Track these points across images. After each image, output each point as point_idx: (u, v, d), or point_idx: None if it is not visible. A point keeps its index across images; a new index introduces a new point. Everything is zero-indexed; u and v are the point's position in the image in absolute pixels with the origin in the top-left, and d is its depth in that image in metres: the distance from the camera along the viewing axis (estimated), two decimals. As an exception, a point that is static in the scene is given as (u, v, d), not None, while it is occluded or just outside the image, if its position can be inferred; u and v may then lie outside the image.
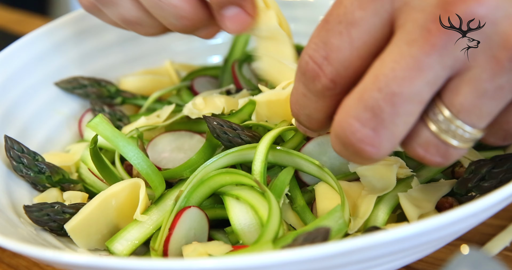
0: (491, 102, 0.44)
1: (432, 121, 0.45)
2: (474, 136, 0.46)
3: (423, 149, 0.46)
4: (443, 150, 0.46)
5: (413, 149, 0.47)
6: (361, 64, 0.46)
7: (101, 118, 0.59)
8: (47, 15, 1.80)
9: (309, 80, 0.48)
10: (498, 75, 0.43)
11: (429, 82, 0.43)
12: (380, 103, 0.44)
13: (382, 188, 0.59)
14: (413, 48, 0.43)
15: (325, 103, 0.49)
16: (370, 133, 0.44)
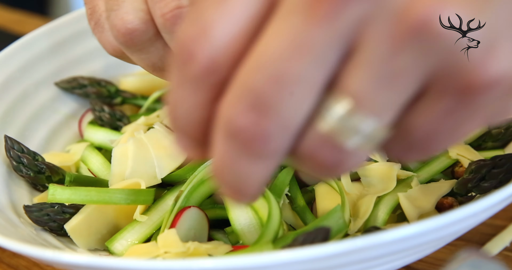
0: (389, 89, 0.36)
1: (326, 113, 0.37)
2: (373, 134, 0.37)
3: (314, 143, 0.37)
4: (337, 146, 0.37)
5: (305, 146, 0.38)
6: (243, 43, 0.37)
7: (54, 187, 0.59)
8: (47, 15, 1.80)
9: (184, 63, 0.38)
10: (396, 54, 0.35)
11: (319, 60, 0.35)
12: (264, 86, 0.36)
13: (382, 188, 0.59)
14: (294, 19, 0.35)
15: (204, 95, 0.39)
16: (256, 118, 0.36)
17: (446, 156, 0.63)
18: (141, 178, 0.61)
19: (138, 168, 0.61)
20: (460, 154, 0.63)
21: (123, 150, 0.62)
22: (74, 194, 0.59)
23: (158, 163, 0.61)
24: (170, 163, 0.61)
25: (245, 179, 0.39)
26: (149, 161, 0.61)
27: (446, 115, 0.37)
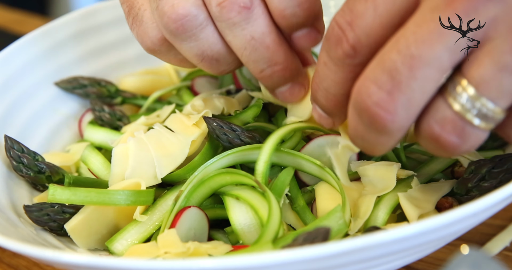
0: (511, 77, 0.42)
1: (451, 95, 0.43)
2: (495, 115, 0.43)
3: (439, 125, 0.44)
4: (461, 128, 0.43)
5: (429, 126, 0.44)
6: (383, 34, 0.45)
7: (54, 188, 0.59)
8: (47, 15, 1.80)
9: (332, 46, 0.47)
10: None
11: (450, 48, 0.42)
12: (398, 65, 0.42)
13: (382, 188, 0.59)
14: (435, 13, 0.42)
15: (343, 74, 0.47)
16: (385, 96, 0.43)
17: (446, 156, 0.63)
18: (141, 178, 0.61)
19: (138, 168, 0.61)
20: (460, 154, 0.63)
21: (123, 150, 0.62)
22: (74, 194, 0.59)
23: (158, 163, 0.61)
24: (170, 163, 0.61)
25: (374, 146, 0.47)
26: (149, 161, 0.61)
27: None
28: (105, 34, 0.84)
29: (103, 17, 0.84)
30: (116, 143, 0.65)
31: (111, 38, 0.85)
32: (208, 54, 0.58)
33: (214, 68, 0.59)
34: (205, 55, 0.58)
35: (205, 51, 0.58)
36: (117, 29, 0.85)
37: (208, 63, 0.59)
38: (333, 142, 0.60)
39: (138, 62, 0.86)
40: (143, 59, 0.86)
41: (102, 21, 0.84)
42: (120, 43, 0.85)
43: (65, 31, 0.81)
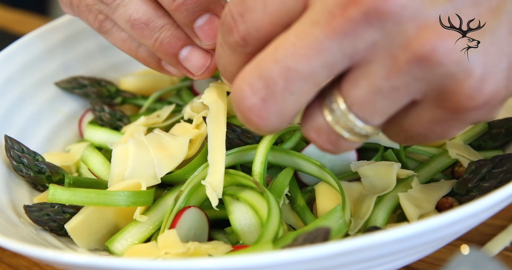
0: (386, 100, 0.43)
1: (327, 108, 0.45)
2: (366, 132, 0.45)
3: (315, 133, 0.46)
4: (334, 139, 0.45)
5: (307, 131, 0.46)
6: (272, 31, 0.45)
7: (54, 188, 0.59)
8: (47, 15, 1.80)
9: (225, 32, 0.47)
10: (395, 75, 0.42)
11: (326, 65, 0.42)
12: (274, 75, 0.43)
13: (382, 188, 0.59)
14: (316, 29, 0.42)
15: (237, 59, 0.48)
16: (258, 103, 0.44)
17: (446, 156, 0.63)
18: (140, 178, 0.61)
19: (137, 168, 0.61)
20: (460, 154, 0.63)
21: (123, 151, 0.62)
22: (74, 195, 0.59)
23: (158, 163, 0.61)
24: (170, 162, 0.61)
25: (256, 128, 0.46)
26: (149, 161, 0.61)
27: (436, 122, 0.45)
28: (105, 34, 0.84)
29: (103, 17, 0.84)
30: (115, 145, 0.65)
31: (111, 38, 0.85)
32: (135, 17, 0.60)
33: (146, 36, 0.61)
34: (133, 19, 0.60)
35: (131, 15, 0.60)
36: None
37: (139, 30, 0.61)
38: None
39: (138, 62, 0.86)
40: (143, 59, 0.86)
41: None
42: (120, 43, 0.85)
43: (66, 31, 0.81)
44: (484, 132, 0.67)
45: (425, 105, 0.44)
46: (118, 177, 0.62)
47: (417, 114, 0.45)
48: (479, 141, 0.67)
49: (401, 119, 0.45)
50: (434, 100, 0.43)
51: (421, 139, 0.47)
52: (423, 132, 0.45)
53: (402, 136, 0.47)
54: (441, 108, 0.43)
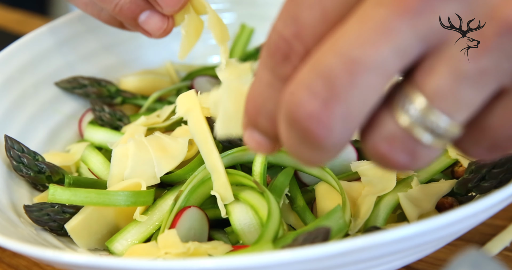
0: (472, 88, 0.36)
1: (400, 109, 0.37)
2: (450, 132, 0.37)
3: (386, 143, 0.37)
4: (411, 146, 0.37)
5: (375, 143, 0.37)
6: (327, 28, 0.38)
7: (54, 188, 0.59)
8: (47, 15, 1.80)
9: (278, 63, 0.39)
10: (482, 54, 0.35)
11: (398, 50, 0.35)
12: (336, 70, 0.35)
13: (382, 188, 0.59)
14: (382, 8, 0.35)
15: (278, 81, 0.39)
16: (320, 106, 0.36)
17: (446, 156, 0.63)
18: (140, 178, 0.61)
19: (137, 168, 0.61)
20: (460, 154, 0.63)
21: (123, 151, 0.62)
22: (74, 195, 0.59)
23: (158, 163, 0.61)
24: (170, 162, 0.61)
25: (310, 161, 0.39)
26: (148, 161, 0.61)
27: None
28: (105, 34, 0.84)
29: (103, 17, 0.84)
30: (115, 145, 0.65)
31: (111, 38, 0.85)
32: None
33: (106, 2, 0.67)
34: None
35: None
36: (117, 29, 0.85)
37: None
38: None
39: (138, 62, 0.86)
40: (143, 59, 0.87)
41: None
42: (120, 43, 0.85)
43: (65, 31, 0.81)
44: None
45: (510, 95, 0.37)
46: (118, 177, 0.62)
47: (505, 108, 0.37)
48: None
49: (484, 120, 0.37)
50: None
51: (510, 144, 0.38)
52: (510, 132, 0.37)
53: (486, 144, 0.38)
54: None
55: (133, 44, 0.86)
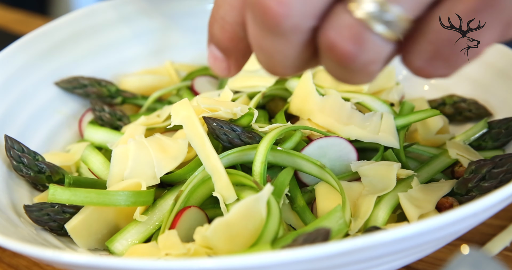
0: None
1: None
2: (399, 22, 0.38)
3: (335, 31, 0.38)
4: (358, 32, 0.38)
5: (325, 33, 0.39)
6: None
7: (54, 188, 0.59)
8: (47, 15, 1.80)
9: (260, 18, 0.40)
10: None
11: None
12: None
13: (382, 188, 0.59)
14: None
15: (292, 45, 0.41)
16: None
17: (446, 156, 0.63)
18: (140, 178, 0.61)
19: (137, 169, 0.61)
20: (460, 154, 0.63)
21: (123, 151, 0.62)
22: (74, 195, 0.59)
23: (158, 163, 0.61)
24: (170, 163, 0.61)
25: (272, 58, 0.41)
26: (148, 161, 0.61)
27: (468, 15, 0.38)
28: (105, 34, 0.84)
29: (103, 17, 0.85)
30: (115, 145, 0.65)
31: (111, 38, 0.85)
32: None
33: None
34: None
35: None
36: (117, 29, 0.85)
37: None
38: (333, 144, 0.61)
39: (138, 62, 0.86)
40: (143, 59, 0.87)
41: (102, 21, 0.84)
42: (120, 43, 0.85)
43: (65, 31, 0.81)
44: (484, 132, 0.67)
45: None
46: (117, 177, 0.62)
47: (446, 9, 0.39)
48: (479, 141, 0.67)
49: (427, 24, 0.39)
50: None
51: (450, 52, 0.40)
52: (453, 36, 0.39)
53: (427, 51, 0.40)
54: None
55: (133, 44, 0.86)
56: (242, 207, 0.52)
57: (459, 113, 0.72)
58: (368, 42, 0.38)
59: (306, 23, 0.39)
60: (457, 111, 0.73)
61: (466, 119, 0.73)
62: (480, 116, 0.71)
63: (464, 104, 0.72)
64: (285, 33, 0.39)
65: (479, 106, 0.71)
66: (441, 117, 0.69)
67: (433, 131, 0.69)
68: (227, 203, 0.57)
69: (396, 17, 0.38)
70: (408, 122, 0.65)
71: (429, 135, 0.69)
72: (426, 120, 0.68)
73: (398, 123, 0.64)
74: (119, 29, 0.85)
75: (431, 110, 0.66)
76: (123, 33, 0.85)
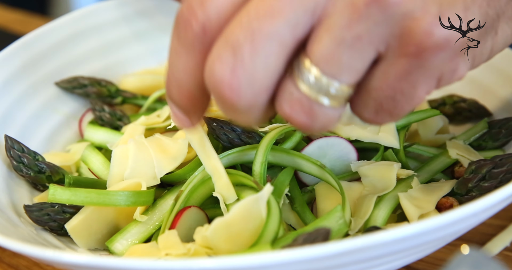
0: (350, 52, 0.42)
1: (297, 74, 0.43)
2: (341, 93, 0.43)
3: (288, 105, 0.44)
4: (308, 107, 0.43)
5: (280, 106, 0.44)
6: (233, 12, 0.44)
7: (54, 188, 0.59)
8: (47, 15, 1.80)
9: (182, 28, 0.45)
10: (355, 22, 0.41)
11: (290, 23, 0.42)
12: (240, 40, 0.42)
13: (382, 188, 0.59)
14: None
15: (195, 58, 0.46)
16: (227, 73, 0.42)
17: (446, 156, 0.63)
18: (140, 178, 0.61)
19: (137, 169, 0.61)
20: (460, 154, 0.63)
21: (123, 151, 0.62)
22: (74, 195, 0.59)
23: (158, 163, 0.61)
24: (170, 163, 0.61)
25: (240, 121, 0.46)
26: (148, 162, 0.61)
27: (402, 76, 0.43)
28: (105, 34, 0.84)
29: (103, 17, 0.84)
30: (115, 145, 0.65)
31: (111, 38, 0.85)
32: None
33: None
34: None
35: None
36: (117, 29, 0.85)
37: None
38: (333, 144, 0.61)
39: (138, 62, 0.86)
40: (143, 59, 0.87)
41: (102, 21, 0.84)
42: (120, 43, 0.85)
43: (65, 31, 0.81)
44: (484, 132, 0.67)
45: (389, 58, 0.43)
46: (117, 177, 0.62)
47: (382, 71, 0.44)
48: (479, 141, 0.67)
49: (368, 83, 0.44)
50: (396, 48, 0.43)
51: (391, 106, 0.45)
52: (391, 94, 0.44)
53: (372, 106, 0.45)
54: (404, 55, 0.43)
55: (133, 44, 0.86)
56: (242, 207, 0.52)
57: (459, 113, 0.72)
58: (318, 114, 0.44)
59: (259, 99, 0.44)
60: (457, 111, 0.73)
61: (466, 119, 0.73)
62: (480, 116, 0.71)
63: (464, 104, 0.72)
64: (243, 110, 0.44)
65: (479, 106, 0.71)
66: (441, 117, 0.69)
67: (433, 131, 0.69)
68: (227, 203, 0.57)
69: (337, 89, 0.43)
70: (408, 122, 0.65)
71: (429, 135, 0.69)
72: (426, 120, 0.68)
73: (398, 123, 0.64)
74: (119, 29, 0.85)
75: (431, 110, 0.66)
76: (123, 33, 0.85)
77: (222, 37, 0.43)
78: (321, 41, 0.42)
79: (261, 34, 0.42)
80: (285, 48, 0.42)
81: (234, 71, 0.42)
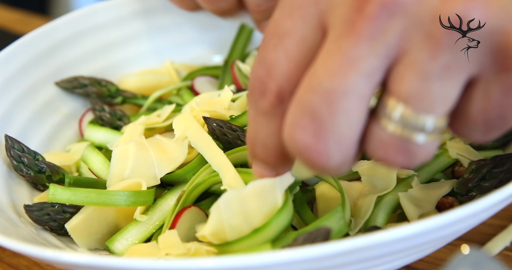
0: (441, 83, 0.40)
1: (383, 117, 0.41)
2: (437, 127, 0.41)
3: (382, 150, 0.42)
4: (403, 147, 0.41)
5: (373, 152, 0.42)
6: (301, 74, 0.43)
7: (54, 188, 0.59)
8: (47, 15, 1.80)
9: (257, 99, 0.45)
10: (439, 52, 0.39)
11: (364, 73, 0.40)
12: (316, 104, 0.40)
13: (382, 188, 0.59)
14: (340, 42, 0.40)
15: (276, 124, 0.45)
16: (311, 139, 0.41)
17: (446, 156, 0.63)
18: (140, 178, 0.61)
19: (137, 169, 0.61)
20: (460, 154, 0.63)
21: (123, 151, 0.62)
22: (74, 195, 0.59)
23: (158, 164, 0.61)
24: (170, 163, 0.61)
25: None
26: (148, 162, 0.61)
27: (508, 91, 0.40)
28: (105, 34, 0.84)
29: (103, 17, 0.84)
30: (115, 146, 0.65)
31: (111, 38, 0.85)
32: None
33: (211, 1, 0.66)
34: None
35: None
36: (117, 29, 0.85)
37: None
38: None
39: (138, 62, 0.86)
40: (143, 59, 0.87)
41: (102, 21, 0.84)
42: (120, 43, 0.85)
43: (65, 31, 0.81)
44: (484, 132, 0.67)
45: (486, 78, 0.40)
46: (117, 177, 0.62)
47: (483, 92, 0.41)
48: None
49: (469, 110, 0.42)
50: (493, 65, 0.40)
51: (501, 123, 0.42)
52: (500, 112, 0.41)
53: (480, 129, 0.42)
54: (504, 70, 0.40)
55: (133, 44, 0.86)
56: (259, 186, 0.51)
57: (459, 113, 0.72)
58: (416, 152, 0.41)
59: (349, 155, 0.42)
60: (457, 111, 0.72)
61: (466, 119, 0.73)
62: (480, 116, 0.71)
63: (464, 104, 0.72)
64: (335, 169, 0.43)
65: (479, 106, 0.71)
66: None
67: (433, 131, 0.69)
68: None
69: (434, 124, 0.41)
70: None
71: (429, 135, 0.69)
72: (426, 120, 0.68)
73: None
74: (119, 29, 0.85)
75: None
76: (123, 33, 0.85)
77: (296, 104, 0.42)
78: (405, 79, 0.40)
79: (336, 94, 0.40)
80: (364, 99, 0.41)
81: (317, 136, 0.41)
